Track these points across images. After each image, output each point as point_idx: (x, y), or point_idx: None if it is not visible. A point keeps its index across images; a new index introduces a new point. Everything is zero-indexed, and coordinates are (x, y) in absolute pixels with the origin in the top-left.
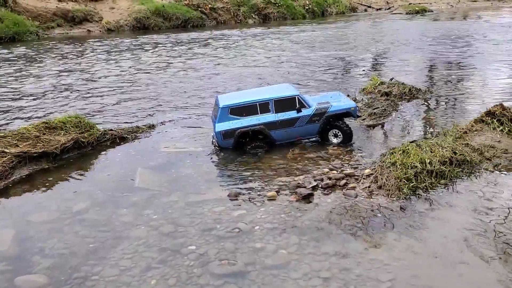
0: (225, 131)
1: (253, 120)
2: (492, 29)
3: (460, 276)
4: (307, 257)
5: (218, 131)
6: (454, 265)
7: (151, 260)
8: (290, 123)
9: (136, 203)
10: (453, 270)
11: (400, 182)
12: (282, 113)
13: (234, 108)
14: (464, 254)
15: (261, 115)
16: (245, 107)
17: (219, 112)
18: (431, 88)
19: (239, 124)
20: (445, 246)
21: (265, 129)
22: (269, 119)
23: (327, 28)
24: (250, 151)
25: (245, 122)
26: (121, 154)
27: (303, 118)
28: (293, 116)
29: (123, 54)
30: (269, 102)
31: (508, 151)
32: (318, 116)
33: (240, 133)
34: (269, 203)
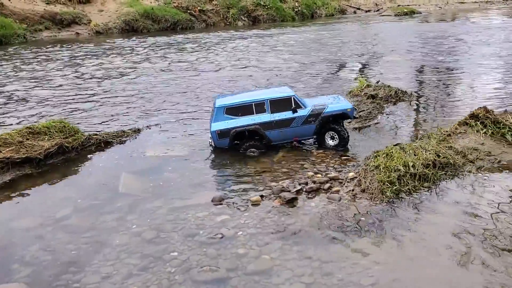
0: (220, 131)
1: (249, 120)
2: (479, 31)
3: (441, 279)
4: (289, 262)
5: (213, 130)
6: (435, 269)
7: (132, 267)
8: (286, 123)
9: (119, 208)
10: (434, 274)
11: (383, 185)
12: (277, 114)
13: (229, 108)
14: (446, 258)
15: (256, 115)
16: (241, 107)
17: (215, 112)
18: (418, 90)
19: (235, 124)
20: (427, 250)
21: (260, 129)
22: (264, 119)
23: (315, 31)
24: (245, 151)
25: (241, 122)
26: (106, 159)
27: (298, 119)
28: (289, 117)
29: (109, 57)
30: (265, 102)
31: (491, 153)
32: (313, 116)
33: (235, 132)
34: (253, 208)
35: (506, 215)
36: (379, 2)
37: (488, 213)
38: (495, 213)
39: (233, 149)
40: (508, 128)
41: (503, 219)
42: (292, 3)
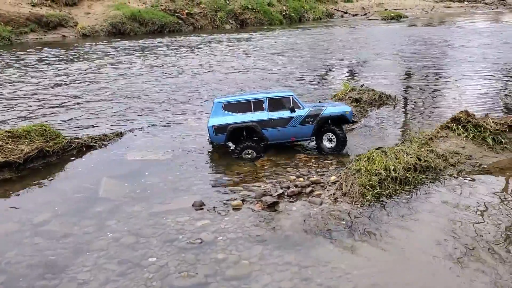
0: (217, 126)
1: (246, 117)
2: (465, 35)
3: (420, 284)
4: (269, 267)
5: (210, 125)
6: (415, 273)
7: (110, 273)
8: (284, 122)
9: (99, 213)
10: (413, 278)
11: (364, 189)
12: (275, 112)
13: (228, 104)
14: (425, 262)
15: (254, 113)
16: (239, 103)
17: (213, 107)
18: (404, 94)
19: (232, 120)
20: (407, 254)
21: (257, 126)
22: (262, 117)
23: (303, 34)
24: (241, 152)
25: (238, 118)
26: (87, 163)
27: (296, 118)
28: (287, 116)
29: (93, 60)
30: (263, 100)
31: (472, 157)
32: (312, 117)
33: (232, 128)
34: (234, 212)
35: (486, 219)
36: (366, 6)
37: (469, 217)
38: (475, 217)
39: (218, 153)
40: (489, 131)
41: (483, 223)
42: (280, 6)
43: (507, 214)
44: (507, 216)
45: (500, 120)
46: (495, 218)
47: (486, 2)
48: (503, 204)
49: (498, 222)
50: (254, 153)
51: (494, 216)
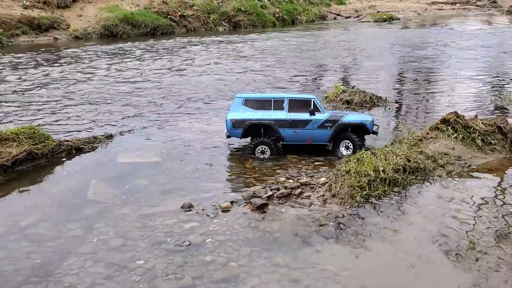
0: (235, 120)
1: (265, 114)
2: (457, 36)
3: (408, 285)
4: (257, 269)
5: (228, 119)
6: (403, 274)
7: (97, 276)
8: (301, 124)
9: (87, 216)
10: (401, 279)
11: (354, 190)
12: (295, 113)
13: (248, 100)
14: (413, 263)
15: (273, 111)
16: (260, 100)
17: (234, 102)
18: (395, 95)
19: (250, 116)
20: (395, 255)
21: (275, 125)
22: (280, 116)
23: (295, 36)
24: (255, 149)
25: (257, 115)
26: (76, 165)
27: (315, 122)
28: (305, 118)
29: (83, 63)
30: (284, 100)
31: (462, 157)
32: (330, 122)
33: (249, 123)
34: (222, 215)
35: (475, 220)
36: (359, 9)
37: (457, 218)
38: (464, 218)
39: (208, 155)
40: (478, 132)
41: (472, 224)
42: (273, 9)
43: (495, 215)
44: (496, 217)
45: (489, 121)
46: (484, 219)
47: (478, 5)
48: (492, 205)
49: (487, 223)
50: (268, 151)
51: (483, 217)
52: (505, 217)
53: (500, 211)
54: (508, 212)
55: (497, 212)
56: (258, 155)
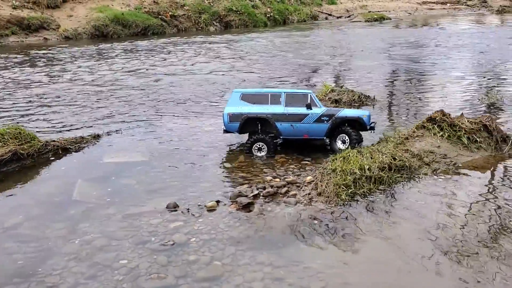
0: (232, 114)
1: (262, 108)
2: (448, 36)
3: (392, 283)
4: (241, 268)
5: (225, 113)
6: (387, 272)
7: (80, 276)
8: (298, 118)
9: (72, 216)
10: (384, 277)
11: (339, 188)
12: (291, 108)
13: (246, 94)
14: (398, 261)
15: (270, 105)
16: (257, 95)
17: (231, 96)
18: (384, 94)
19: (247, 110)
20: (378, 252)
21: (271, 119)
22: (277, 110)
23: (286, 36)
24: (252, 146)
25: (254, 109)
26: (63, 166)
27: (311, 116)
28: (302, 112)
29: (71, 63)
30: (281, 94)
31: (447, 155)
32: (327, 116)
33: (246, 117)
34: (208, 214)
35: (459, 218)
36: (350, 9)
37: (442, 216)
38: (449, 215)
39: (194, 154)
40: (464, 131)
41: (456, 222)
42: (264, 9)
43: (482, 212)
44: (482, 214)
45: (475, 120)
46: (469, 217)
47: (468, 4)
48: (477, 202)
49: (471, 221)
50: (266, 148)
51: (468, 215)
52: (491, 214)
53: (486, 208)
54: (494, 209)
55: (483, 209)
56: (255, 152)
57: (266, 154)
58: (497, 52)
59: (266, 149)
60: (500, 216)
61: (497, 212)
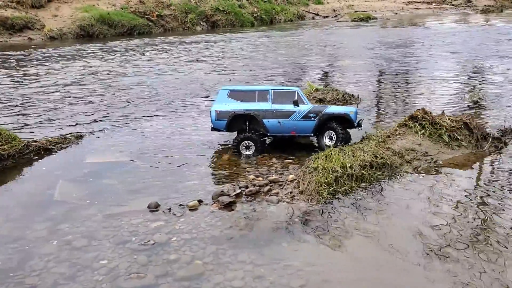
0: (219, 111)
1: (249, 105)
2: (432, 35)
3: (370, 279)
4: (222, 267)
5: (213, 110)
6: (366, 269)
7: (59, 276)
8: (285, 115)
9: (52, 217)
10: (364, 274)
11: (321, 186)
12: (279, 105)
13: (233, 92)
14: (377, 258)
15: (258, 103)
16: (244, 92)
17: (218, 94)
18: (369, 93)
19: (235, 107)
20: (358, 250)
21: (258, 115)
22: (265, 107)
23: (273, 36)
24: (239, 144)
25: (241, 106)
26: (44, 166)
27: (298, 113)
28: (289, 109)
29: (54, 63)
30: (268, 91)
31: (428, 153)
32: (314, 113)
33: (233, 114)
34: (190, 213)
35: (439, 215)
36: (337, 8)
37: (422, 213)
38: (429, 212)
39: (177, 154)
40: (445, 129)
41: (438, 218)
42: (251, 8)
43: (462, 209)
44: (463, 211)
45: (456, 118)
46: (451, 213)
47: (454, 4)
48: (458, 200)
49: (453, 217)
50: (253, 147)
51: (450, 211)
52: (473, 210)
53: (468, 204)
54: (474, 206)
55: (465, 206)
56: (243, 150)
57: (254, 152)
58: (480, 51)
59: (253, 147)
60: (482, 212)
61: (479, 208)
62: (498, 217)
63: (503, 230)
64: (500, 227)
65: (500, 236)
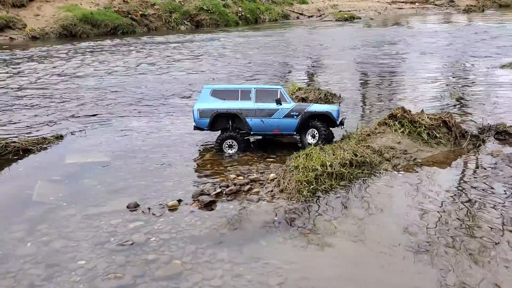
0: (202, 110)
1: (232, 104)
2: (416, 35)
3: (348, 276)
4: (201, 266)
5: (195, 108)
6: (345, 266)
7: (35, 278)
8: (268, 113)
9: (30, 218)
10: (342, 271)
11: (301, 185)
12: (261, 103)
13: (216, 91)
14: (356, 255)
15: (241, 101)
16: (227, 91)
17: (201, 93)
18: (354, 93)
19: (217, 106)
20: (338, 247)
21: (241, 114)
22: (247, 106)
23: (257, 36)
24: (222, 144)
25: (224, 105)
26: (23, 167)
27: (281, 111)
28: (272, 107)
29: (37, 62)
30: (251, 90)
31: (407, 151)
32: (297, 112)
33: (216, 113)
34: (169, 213)
35: (419, 211)
36: (321, 8)
37: (402, 209)
38: (407, 210)
39: (158, 153)
40: (424, 127)
41: (416, 215)
42: (235, 8)
43: (440, 206)
44: (441, 207)
45: (435, 116)
46: (429, 212)
47: (436, 4)
48: (436, 197)
49: (431, 215)
50: (236, 145)
51: (427, 208)
52: (451, 206)
53: (446, 202)
54: (454, 202)
55: (443, 203)
56: (226, 149)
57: (237, 151)
58: (462, 50)
59: (237, 146)
60: (462, 208)
61: (458, 204)
62: (479, 213)
63: (485, 225)
64: (481, 221)
65: (482, 231)
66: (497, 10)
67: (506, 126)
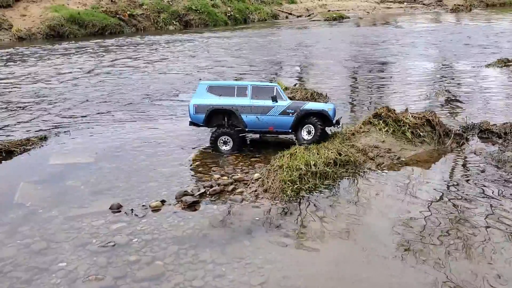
0: (198, 105)
1: (228, 100)
2: (404, 34)
3: (329, 275)
4: (183, 267)
5: (191, 104)
6: (327, 265)
7: (15, 280)
8: (264, 110)
9: (11, 220)
10: (324, 270)
11: (285, 184)
12: (257, 100)
13: (212, 87)
14: (338, 254)
15: (237, 98)
16: (223, 87)
17: (198, 88)
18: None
19: (213, 102)
20: (320, 246)
21: (237, 110)
22: (243, 102)
23: (246, 35)
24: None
25: (220, 101)
26: (5, 168)
27: (277, 108)
28: (268, 104)
29: (18, 63)
30: (247, 87)
31: (391, 150)
32: (292, 109)
33: (211, 108)
34: (152, 214)
35: (403, 210)
36: (310, 8)
37: (385, 208)
38: (391, 209)
39: (142, 154)
40: (408, 126)
41: (401, 213)
42: (224, 8)
43: (425, 205)
44: (425, 205)
45: (419, 115)
46: (412, 210)
47: (424, 3)
48: (421, 195)
49: (415, 213)
50: (231, 143)
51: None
52: (436, 205)
53: (430, 200)
54: (438, 200)
55: (427, 201)
56: (220, 146)
57: (232, 149)
58: (449, 49)
59: (231, 143)
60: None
61: (442, 203)
62: (463, 210)
63: (469, 223)
64: (465, 220)
65: (467, 228)
66: (484, 9)
67: (489, 125)
